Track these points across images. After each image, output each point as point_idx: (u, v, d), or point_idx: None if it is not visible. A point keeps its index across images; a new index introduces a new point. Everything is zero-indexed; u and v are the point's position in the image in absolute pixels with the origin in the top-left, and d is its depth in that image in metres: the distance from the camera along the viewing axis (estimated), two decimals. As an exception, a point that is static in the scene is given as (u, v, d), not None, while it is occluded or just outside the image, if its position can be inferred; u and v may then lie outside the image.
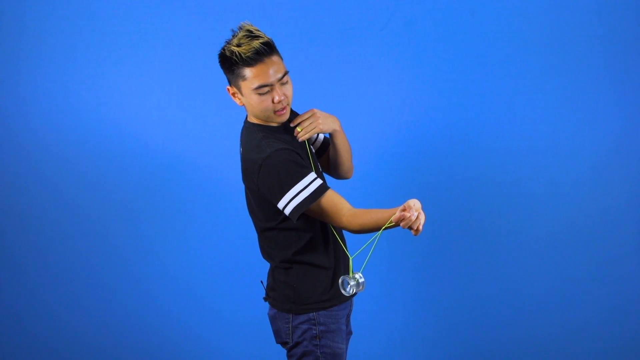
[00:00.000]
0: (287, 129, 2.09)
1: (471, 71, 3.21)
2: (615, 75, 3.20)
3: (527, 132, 3.22)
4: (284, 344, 2.11)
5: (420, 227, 1.69)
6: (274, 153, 1.94)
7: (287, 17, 3.16)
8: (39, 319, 3.24)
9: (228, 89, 2.04)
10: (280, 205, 1.93)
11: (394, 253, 3.25)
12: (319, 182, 1.93)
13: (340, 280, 1.91)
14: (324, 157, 2.30)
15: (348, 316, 2.17)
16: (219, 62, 2.01)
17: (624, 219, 3.25)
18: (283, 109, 1.99)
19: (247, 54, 1.91)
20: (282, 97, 1.96)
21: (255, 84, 1.94)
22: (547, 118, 3.22)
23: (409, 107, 3.21)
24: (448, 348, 3.28)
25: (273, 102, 1.97)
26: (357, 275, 1.91)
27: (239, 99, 2.03)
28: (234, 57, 1.92)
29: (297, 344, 2.04)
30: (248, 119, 2.11)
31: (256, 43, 1.91)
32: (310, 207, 1.91)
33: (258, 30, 1.95)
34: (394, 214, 1.72)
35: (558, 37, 3.20)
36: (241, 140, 2.13)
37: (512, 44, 3.20)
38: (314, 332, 2.03)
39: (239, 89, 1.99)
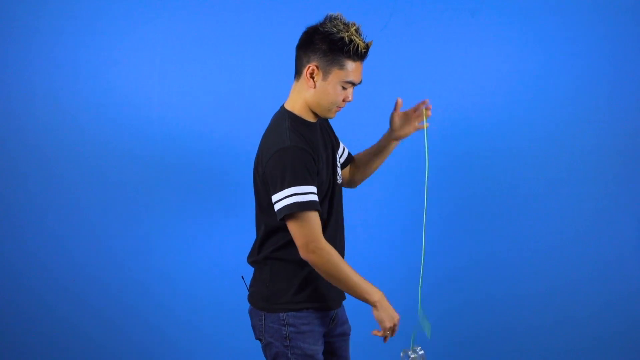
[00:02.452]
0: (316, 127, 2.11)
1: (471, 71, 3.21)
2: (615, 75, 3.21)
3: (527, 132, 3.22)
4: (259, 340, 2.13)
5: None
6: (293, 147, 1.94)
7: (287, 18, 3.16)
8: (39, 318, 3.24)
9: (308, 67, 2.01)
10: (275, 198, 1.94)
11: (394, 252, 3.25)
12: (315, 197, 1.94)
13: (401, 354, 2.04)
14: (344, 170, 2.41)
15: (333, 318, 2.16)
16: (320, 39, 2.00)
17: (624, 219, 3.25)
18: (340, 109, 2.09)
19: (363, 50, 2.00)
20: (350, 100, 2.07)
21: (349, 78, 2.01)
22: (547, 118, 3.22)
23: (408, 107, 3.21)
24: (448, 348, 3.28)
25: (344, 100, 2.05)
26: (417, 349, 2.01)
27: (314, 82, 2.01)
28: (351, 46, 1.97)
29: (269, 344, 2.06)
30: (285, 105, 2.10)
31: (370, 44, 2.03)
32: (294, 215, 1.92)
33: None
34: (365, 291, 2.00)
35: (558, 36, 3.20)
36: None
37: (512, 44, 3.21)
38: (284, 332, 2.04)
39: (326, 73, 2.00)
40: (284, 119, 2.04)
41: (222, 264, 3.23)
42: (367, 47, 2.01)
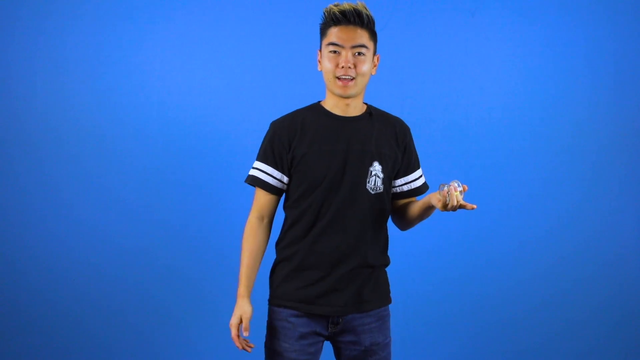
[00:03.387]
0: (340, 120, 2.05)
1: (471, 71, 3.21)
2: (615, 74, 3.21)
3: (527, 131, 3.22)
4: None
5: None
6: (271, 124, 2.06)
7: (287, 18, 3.16)
8: (39, 317, 3.24)
9: (318, 53, 2.07)
10: None
11: (394, 253, 3.25)
12: (260, 175, 2.04)
13: (440, 186, 1.98)
14: (403, 202, 2.18)
15: (337, 323, 2.05)
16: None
17: (624, 218, 3.25)
18: (347, 79, 2.00)
19: (335, 11, 1.98)
20: (348, 65, 1.98)
21: (329, 41, 1.99)
22: (547, 118, 3.22)
23: (408, 107, 3.21)
24: (448, 348, 3.28)
25: (337, 65, 1.99)
26: (455, 183, 1.94)
27: (320, 64, 2.05)
28: (326, 13, 2.00)
29: None
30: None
31: (348, 5, 1.99)
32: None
33: (364, 8, 2.02)
34: (239, 282, 2.03)
35: (558, 36, 3.20)
36: None
37: (512, 44, 3.21)
38: (267, 324, 2.09)
39: (322, 50, 2.03)
40: (308, 106, 2.10)
41: (226, 262, 3.23)
42: (345, 8, 1.99)
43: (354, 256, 2.03)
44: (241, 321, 2.02)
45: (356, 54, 1.99)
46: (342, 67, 1.97)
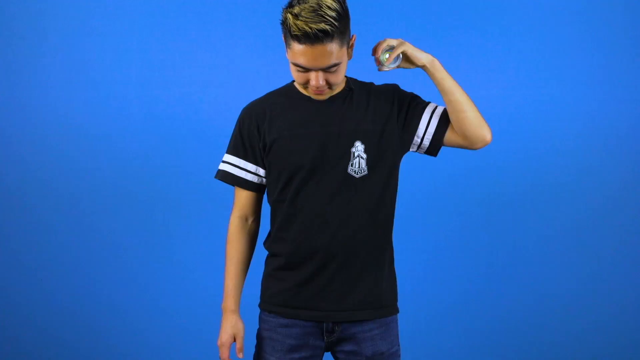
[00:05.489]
0: (309, 101, 1.86)
1: (471, 71, 3.21)
2: (615, 74, 3.21)
3: (528, 131, 3.22)
4: None
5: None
6: (242, 110, 1.90)
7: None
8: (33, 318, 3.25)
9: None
10: None
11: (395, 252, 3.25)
12: (230, 168, 1.88)
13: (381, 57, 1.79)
14: (448, 138, 2.05)
15: (332, 331, 1.86)
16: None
17: (625, 219, 3.25)
18: (320, 92, 1.80)
19: (296, 32, 1.69)
20: (320, 84, 1.76)
21: (294, 60, 1.75)
22: (547, 117, 3.22)
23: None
24: (448, 347, 3.28)
25: (306, 84, 1.79)
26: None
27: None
28: (285, 26, 1.73)
29: None
30: None
31: (313, 26, 1.67)
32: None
33: (329, 9, 1.70)
34: (224, 294, 1.85)
35: (558, 36, 3.21)
36: None
37: (512, 44, 3.21)
38: (257, 332, 1.93)
39: (286, 52, 1.79)
40: (280, 87, 1.93)
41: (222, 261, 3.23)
42: (307, 30, 1.67)
43: (343, 252, 1.82)
44: (234, 340, 1.85)
45: (328, 72, 1.76)
46: (314, 86, 1.78)
